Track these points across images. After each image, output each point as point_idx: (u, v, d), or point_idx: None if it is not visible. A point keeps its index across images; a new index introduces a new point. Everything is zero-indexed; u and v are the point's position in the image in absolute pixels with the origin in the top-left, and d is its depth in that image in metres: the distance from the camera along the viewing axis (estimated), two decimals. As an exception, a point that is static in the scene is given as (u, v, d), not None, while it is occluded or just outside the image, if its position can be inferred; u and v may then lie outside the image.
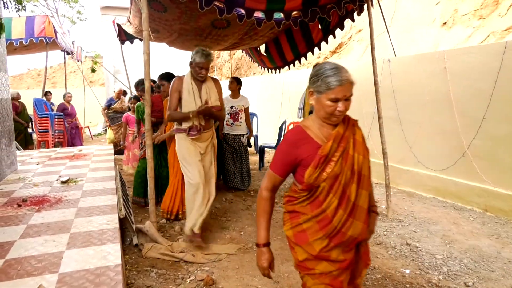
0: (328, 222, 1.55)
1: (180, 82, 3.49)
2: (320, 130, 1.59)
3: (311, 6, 3.74)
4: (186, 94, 3.45)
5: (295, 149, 1.58)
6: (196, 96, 3.46)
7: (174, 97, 3.48)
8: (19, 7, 3.75)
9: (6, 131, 4.64)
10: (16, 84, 22.90)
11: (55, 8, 17.29)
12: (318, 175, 1.51)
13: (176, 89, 3.48)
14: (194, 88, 3.46)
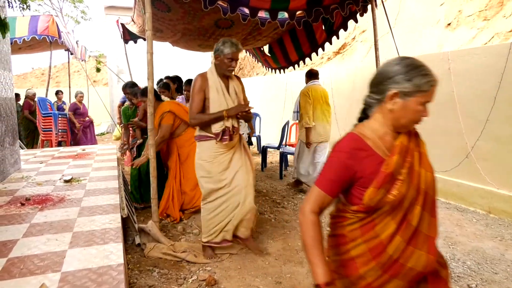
0: (382, 249, 1.28)
1: (204, 80, 3.01)
2: (381, 141, 1.31)
3: (315, 6, 3.74)
4: (214, 93, 2.99)
5: (354, 163, 1.28)
6: (226, 95, 3.04)
7: (198, 97, 3.00)
8: (24, 6, 3.76)
9: (10, 130, 4.66)
10: (20, 83, 22.99)
11: (60, 7, 17.38)
12: (382, 197, 1.24)
13: (201, 88, 3.00)
14: (222, 86, 3.02)
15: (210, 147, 3.05)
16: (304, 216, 1.34)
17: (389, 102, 1.28)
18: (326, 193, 1.31)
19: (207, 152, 3.07)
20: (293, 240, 3.63)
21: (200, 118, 3.02)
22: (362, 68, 6.57)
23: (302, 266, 3.08)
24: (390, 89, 1.27)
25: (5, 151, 4.39)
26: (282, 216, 4.31)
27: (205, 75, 3.04)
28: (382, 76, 1.33)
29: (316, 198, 1.34)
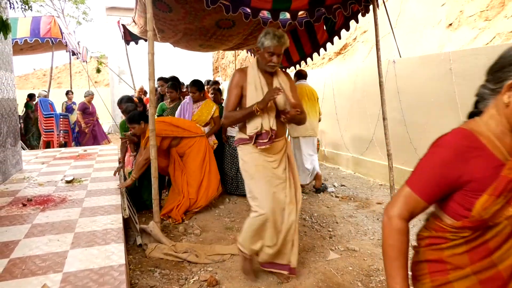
0: (501, 284, 1.01)
1: (243, 74, 2.67)
2: (500, 141, 1.06)
3: (317, 6, 3.74)
4: (251, 90, 2.61)
5: (461, 164, 1.04)
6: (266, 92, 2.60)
7: (233, 93, 2.65)
8: (25, 7, 3.77)
9: (12, 131, 4.67)
10: (22, 84, 23.04)
11: (61, 8, 17.42)
12: (500, 208, 0.99)
13: (238, 83, 2.65)
14: (262, 82, 2.63)
15: (251, 150, 2.67)
16: (390, 222, 1.12)
17: (506, 94, 1.04)
18: (421, 197, 1.08)
19: (249, 154, 2.69)
20: (295, 240, 3.62)
21: (231, 117, 2.64)
22: (363, 69, 6.57)
23: (303, 266, 3.08)
24: (510, 78, 1.03)
25: (7, 152, 4.40)
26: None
27: (245, 70, 2.70)
28: (503, 61, 1.08)
29: (407, 201, 1.10)
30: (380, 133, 4.79)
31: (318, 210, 4.53)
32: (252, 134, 2.58)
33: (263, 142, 2.57)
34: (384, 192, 5.26)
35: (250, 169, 2.66)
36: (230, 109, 2.65)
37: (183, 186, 4.33)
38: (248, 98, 2.61)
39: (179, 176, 4.36)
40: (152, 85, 3.46)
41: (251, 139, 2.61)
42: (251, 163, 2.66)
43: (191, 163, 4.40)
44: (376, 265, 3.09)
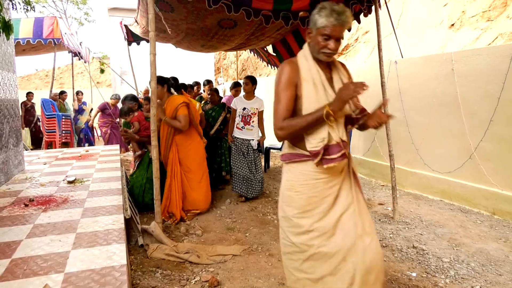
0: None
1: (295, 68, 1.96)
2: None
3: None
4: (309, 88, 1.91)
5: None
6: (329, 92, 1.92)
7: (286, 95, 1.92)
8: (28, 7, 3.78)
9: (14, 131, 4.68)
10: (24, 85, 23.09)
11: (64, 9, 17.47)
12: None
13: (290, 81, 1.93)
14: (322, 77, 1.93)
15: (306, 172, 1.96)
16: None
17: None
18: None
19: (301, 179, 1.97)
20: (296, 241, 3.61)
21: (291, 126, 1.87)
22: (365, 69, 6.56)
23: (305, 267, 3.07)
24: None
25: (9, 152, 4.41)
26: (285, 217, 4.30)
27: (296, 62, 1.98)
28: None
29: None
30: (382, 134, 4.78)
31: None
32: (319, 149, 1.85)
33: (332, 159, 1.87)
34: (386, 193, 5.25)
35: (300, 201, 1.95)
36: (285, 116, 1.90)
37: (182, 179, 4.36)
38: (306, 99, 1.90)
39: (174, 167, 4.34)
40: (154, 85, 3.46)
41: (316, 156, 1.87)
42: (302, 194, 1.95)
43: (190, 162, 4.40)
44: (378, 266, 3.08)
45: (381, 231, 3.87)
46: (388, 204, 4.70)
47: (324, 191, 1.94)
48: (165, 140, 4.32)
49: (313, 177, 1.95)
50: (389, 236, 3.76)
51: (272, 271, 3.00)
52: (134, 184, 4.61)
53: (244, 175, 4.95)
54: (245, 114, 5.01)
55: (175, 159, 4.33)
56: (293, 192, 1.99)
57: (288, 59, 2.08)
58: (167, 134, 4.32)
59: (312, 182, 1.95)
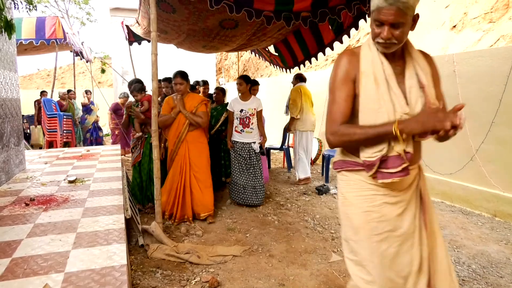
0: None
1: (355, 60, 1.63)
2: None
3: (320, 8, 3.74)
4: (368, 85, 1.57)
5: None
6: (394, 89, 1.56)
7: (342, 93, 1.61)
8: (30, 7, 3.79)
9: (15, 131, 4.68)
10: (26, 84, 23.14)
11: (65, 9, 17.49)
12: None
13: (348, 76, 1.62)
14: (387, 72, 1.57)
15: (362, 182, 1.66)
16: None
17: None
18: None
19: (356, 190, 1.68)
20: (297, 242, 3.61)
21: (346, 135, 1.57)
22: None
23: (305, 268, 3.07)
24: None
25: (10, 152, 4.42)
26: (285, 218, 4.29)
27: (357, 53, 1.63)
28: None
29: None
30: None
31: (320, 212, 4.52)
32: (375, 160, 1.54)
33: (391, 174, 1.54)
34: (387, 194, 5.24)
35: (355, 217, 1.66)
36: (340, 120, 1.58)
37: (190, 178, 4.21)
38: (363, 99, 1.56)
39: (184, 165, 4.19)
40: (155, 85, 3.46)
41: (369, 167, 1.57)
42: (357, 208, 1.66)
43: (200, 162, 4.25)
44: (379, 268, 3.07)
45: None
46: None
47: (384, 208, 1.61)
48: (177, 136, 4.17)
49: (370, 189, 1.63)
50: (390, 237, 3.75)
51: (273, 272, 3.00)
52: (142, 172, 4.56)
53: (244, 184, 4.74)
54: (243, 116, 4.73)
55: (186, 156, 4.17)
56: (347, 207, 1.71)
57: (348, 49, 1.66)
58: (181, 130, 4.15)
59: (369, 194, 1.63)
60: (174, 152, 4.22)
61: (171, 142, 4.22)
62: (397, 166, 1.54)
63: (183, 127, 4.17)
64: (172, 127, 4.21)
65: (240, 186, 4.75)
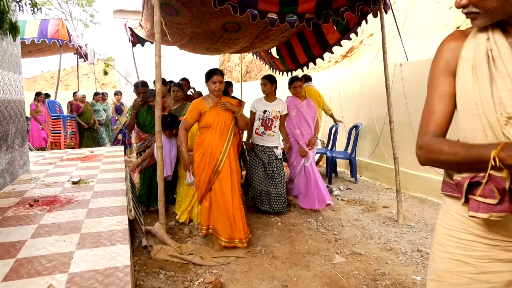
0: None
1: (459, 44, 1.16)
2: None
3: (325, 9, 3.74)
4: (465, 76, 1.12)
5: None
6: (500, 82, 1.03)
7: (437, 92, 1.21)
8: (34, 9, 3.81)
9: (19, 132, 4.71)
10: (30, 86, 23.26)
11: (69, 11, 17.60)
12: None
13: (446, 66, 1.19)
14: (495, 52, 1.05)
15: (461, 219, 1.19)
16: None
17: None
18: None
19: (450, 227, 1.21)
20: (300, 243, 3.61)
21: (436, 152, 1.14)
22: (369, 72, 6.55)
23: (308, 269, 3.06)
24: None
25: (14, 153, 4.44)
26: (288, 220, 4.29)
27: (466, 33, 1.19)
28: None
29: None
30: (386, 136, 4.76)
31: (323, 213, 4.51)
32: (462, 179, 1.11)
33: (488, 206, 1.04)
34: (391, 196, 5.23)
35: (440, 261, 1.23)
36: (432, 130, 1.19)
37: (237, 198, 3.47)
38: (459, 95, 1.15)
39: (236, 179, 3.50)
40: (158, 87, 3.48)
41: (458, 190, 1.14)
42: (445, 251, 1.21)
43: (236, 171, 3.55)
44: (382, 269, 3.06)
45: (385, 234, 3.85)
46: (392, 207, 4.67)
47: (488, 265, 1.13)
48: (222, 144, 3.37)
49: (470, 231, 1.16)
50: (394, 239, 3.75)
51: (276, 273, 3.00)
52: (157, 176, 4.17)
53: (264, 189, 4.36)
54: (265, 118, 4.36)
55: (232, 167, 3.45)
56: (434, 243, 1.26)
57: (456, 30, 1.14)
58: (227, 134, 3.42)
59: (468, 238, 1.16)
60: (219, 163, 3.33)
61: (213, 150, 3.34)
62: (499, 194, 1.00)
63: (228, 132, 3.42)
64: (211, 131, 3.37)
65: (259, 191, 4.37)
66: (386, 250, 3.48)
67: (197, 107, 3.43)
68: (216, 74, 3.38)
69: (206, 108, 3.40)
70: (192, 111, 3.44)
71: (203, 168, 3.38)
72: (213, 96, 3.47)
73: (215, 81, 3.39)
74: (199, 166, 3.40)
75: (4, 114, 4.17)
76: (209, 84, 3.42)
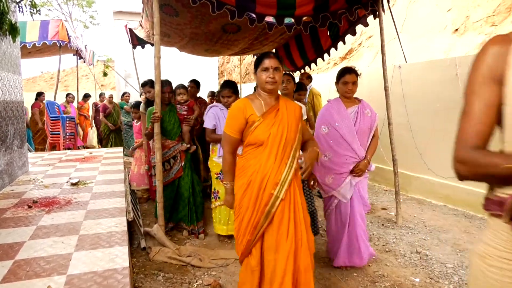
0: None
1: (504, 50, 1.03)
2: None
3: (322, 12, 3.75)
4: None
5: None
6: None
7: (481, 98, 1.09)
8: (34, 10, 3.81)
9: (18, 133, 4.70)
10: (29, 87, 23.25)
11: (69, 12, 17.60)
12: None
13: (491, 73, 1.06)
14: None
15: (503, 237, 1.06)
16: None
17: None
18: None
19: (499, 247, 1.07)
20: (299, 245, 3.60)
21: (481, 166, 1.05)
22: (368, 74, 6.55)
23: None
24: None
25: (13, 154, 4.44)
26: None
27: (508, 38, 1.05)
28: None
29: None
30: (385, 138, 4.77)
31: (322, 215, 4.51)
32: (506, 197, 1.04)
33: None
34: (389, 198, 5.23)
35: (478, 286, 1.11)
36: (475, 143, 1.09)
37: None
38: (509, 108, 1.03)
39: None
40: (157, 88, 3.48)
41: (499, 207, 1.07)
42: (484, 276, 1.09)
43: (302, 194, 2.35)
44: (381, 271, 3.06)
45: (384, 236, 3.85)
46: (391, 209, 4.67)
47: None
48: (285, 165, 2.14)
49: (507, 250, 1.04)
50: (393, 241, 3.75)
51: (275, 275, 2.99)
52: (182, 187, 3.87)
53: None
54: None
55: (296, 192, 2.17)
56: (472, 265, 1.16)
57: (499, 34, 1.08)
58: (290, 153, 2.17)
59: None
60: (272, 202, 2.09)
61: (264, 179, 2.10)
62: None
63: (291, 152, 2.17)
64: (263, 151, 2.14)
65: None
66: (385, 252, 3.48)
67: (241, 113, 2.18)
68: (268, 57, 2.18)
69: (255, 116, 2.17)
70: (235, 118, 2.20)
71: (246, 207, 2.14)
72: (265, 95, 2.23)
73: (266, 67, 2.16)
74: (241, 203, 2.18)
75: (3, 115, 4.16)
76: (259, 74, 2.20)
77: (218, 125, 3.60)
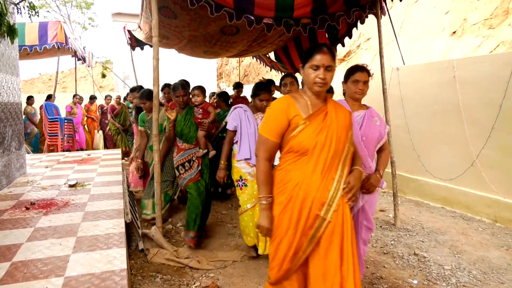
0: None
1: None
2: None
3: (320, 14, 3.76)
4: None
5: None
6: None
7: None
8: (32, 12, 3.81)
9: (16, 135, 4.70)
10: (28, 89, 23.21)
11: (67, 14, 17.60)
12: None
13: None
14: None
15: None
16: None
17: None
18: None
19: None
20: (297, 247, 3.60)
21: None
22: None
23: (305, 273, 3.06)
24: None
25: (11, 155, 4.43)
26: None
27: None
28: None
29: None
30: (383, 140, 4.78)
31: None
32: None
33: None
34: (387, 200, 5.23)
35: None
36: None
37: None
38: None
39: None
40: (156, 90, 3.48)
41: None
42: None
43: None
44: (379, 273, 3.07)
45: (382, 238, 3.85)
46: (389, 211, 4.68)
47: None
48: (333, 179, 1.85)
49: None
50: (390, 243, 3.75)
51: (273, 277, 2.99)
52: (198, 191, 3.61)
53: None
54: None
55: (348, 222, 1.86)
56: None
57: None
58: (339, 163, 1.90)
59: None
60: (319, 225, 1.81)
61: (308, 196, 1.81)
62: None
63: (340, 162, 1.89)
64: (307, 161, 1.84)
65: None
66: (383, 254, 3.48)
67: (284, 113, 1.88)
68: (321, 51, 1.85)
69: (300, 118, 1.87)
70: (275, 119, 1.90)
71: (286, 228, 1.84)
72: (311, 94, 1.93)
73: (317, 65, 1.85)
74: (279, 223, 1.86)
75: (1, 117, 4.16)
76: (307, 71, 1.89)
77: (238, 127, 3.31)
